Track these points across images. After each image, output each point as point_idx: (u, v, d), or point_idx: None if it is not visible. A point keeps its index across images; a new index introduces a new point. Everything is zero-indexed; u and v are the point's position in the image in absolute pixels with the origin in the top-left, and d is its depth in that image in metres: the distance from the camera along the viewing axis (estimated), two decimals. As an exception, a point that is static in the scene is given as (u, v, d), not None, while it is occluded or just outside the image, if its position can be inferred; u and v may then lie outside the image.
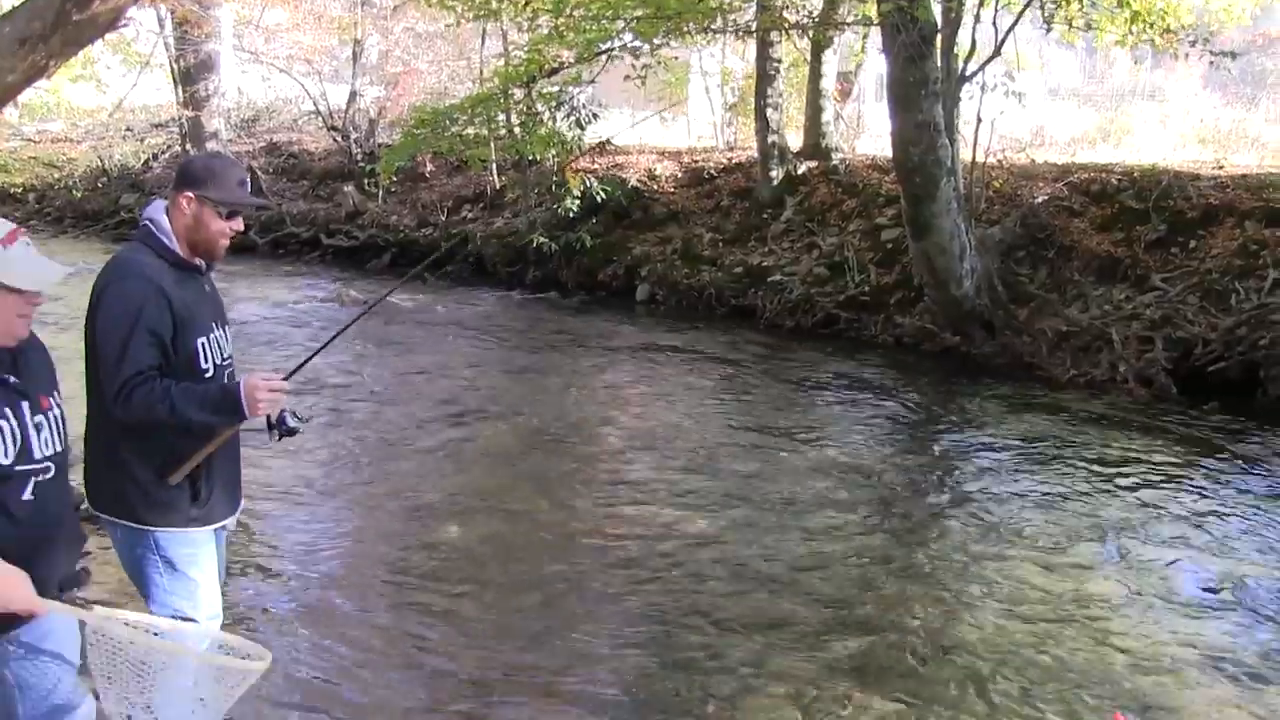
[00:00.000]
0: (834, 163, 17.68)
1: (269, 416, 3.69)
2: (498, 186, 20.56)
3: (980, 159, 14.17)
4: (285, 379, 3.65)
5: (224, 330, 3.91)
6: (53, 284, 3.03)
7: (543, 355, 13.43)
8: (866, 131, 23.76)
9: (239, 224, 3.79)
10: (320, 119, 25.03)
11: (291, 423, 3.77)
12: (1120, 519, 7.74)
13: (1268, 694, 5.42)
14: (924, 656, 5.77)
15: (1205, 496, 8.25)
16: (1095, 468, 8.85)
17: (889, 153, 13.43)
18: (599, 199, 17.92)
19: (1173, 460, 9.07)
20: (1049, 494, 8.25)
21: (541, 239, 17.85)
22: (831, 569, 6.88)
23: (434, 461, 8.87)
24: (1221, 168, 15.10)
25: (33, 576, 2.84)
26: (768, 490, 8.30)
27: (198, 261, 3.81)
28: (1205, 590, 6.58)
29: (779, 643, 5.86)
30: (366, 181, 22.25)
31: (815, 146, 18.16)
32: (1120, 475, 8.66)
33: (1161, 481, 8.57)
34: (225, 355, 3.86)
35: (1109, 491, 8.31)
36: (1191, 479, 8.64)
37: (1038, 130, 21.98)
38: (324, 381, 11.05)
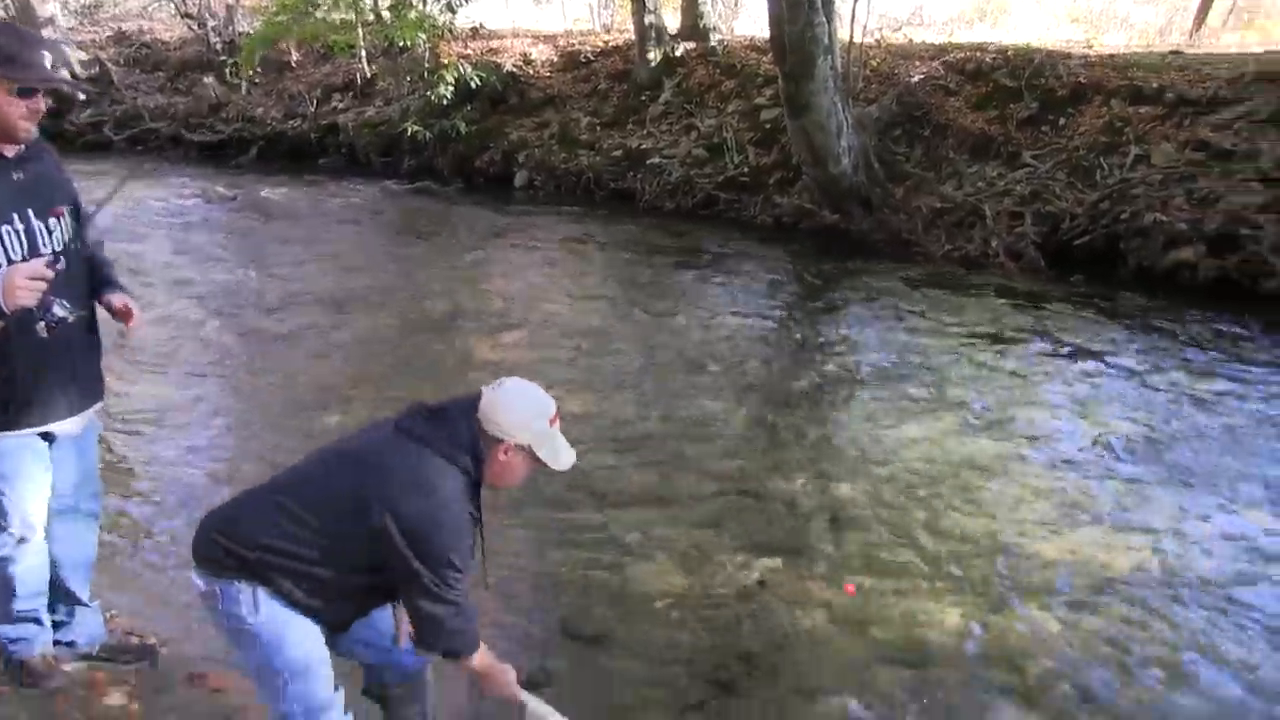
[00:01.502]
0: (712, 44, 17.44)
1: (35, 308, 3.28)
2: (368, 75, 19.84)
3: (858, 38, 14.10)
4: (51, 264, 3.25)
5: (55, 219, 3.51)
6: None
7: (421, 244, 13.17)
8: (744, 12, 23.51)
9: (39, 103, 3.39)
10: (173, 5, 23.71)
11: (59, 312, 3.38)
12: (991, 385, 7.98)
13: (1129, 538, 5.69)
14: (804, 518, 5.90)
15: (1072, 362, 8.52)
16: (967, 339, 9.07)
17: (767, 33, 13.30)
18: (473, 85, 17.43)
19: (1041, 330, 9.33)
20: (923, 364, 8.44)
21: (415, 127, 17.34)
22: (714, 441, 6.95)
23: (313, 353, 8.66)
24: (1091, 47, 15.37)
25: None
26: (648, 369, 8.32)
27: None
28: (1071, 448, 6.83)
29: (663, 513, 5.93)
30: (228, 72, 21.19)
31: (693, 28, 17.89)
32: (992, 345, 8.90)
33: (1031, 349, 8.83)
34: (62, 242, 3.50)
35: (981, 361, 8.53)
36: (1059, 347, 8.91)
37: (915, 10, 22.02)
38: (198, 279, 10.68)
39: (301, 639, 2.89)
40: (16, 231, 3.40)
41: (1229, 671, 4.59)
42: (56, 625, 4.04)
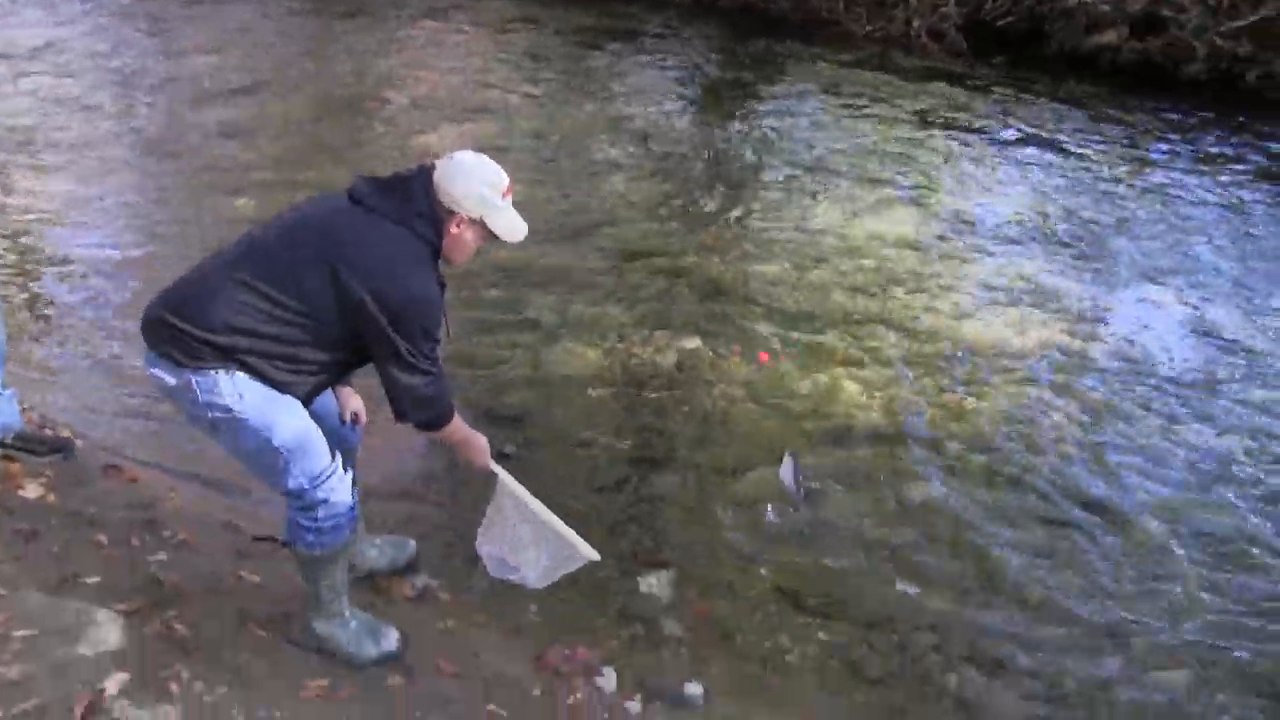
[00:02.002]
0: None
1: None
2: None
3: None
4: None
5: None
6: None
7: (325, 24, 12.36)
8: None
9: None
10: None
11: None
12: (912, 167, 7.86)
13: (1044, 318, 5.75)
14: (723, 298, 5.83)
15: (992, 145, 8.44)
16: (889, 120, 8.90)
17: None
18: None
19: (962, 112, 9.19)
20: (844, 146, 8.29)
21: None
22: (629, 222, 6.78)
23: (221, 138, 8.11)
24: None
25: None
26: (562, 147, 8.04)
27: None
28: (991, 230, 6.81)
29: (581, 294, 5.80)
30: None
31: None
32: (915, 127, 8.75)
33: (952, 131, 8.71)
34: None
35: (903, 141, 8.39)
36: (979, 129, 8.80)
37: None
38: (103, 63, 9.93)
39: (291, 415, 2.78)
40: None
41: (1138, 442, 4.70)
42: None
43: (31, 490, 3.76)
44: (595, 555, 3.16)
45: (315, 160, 7.62)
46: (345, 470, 2.93)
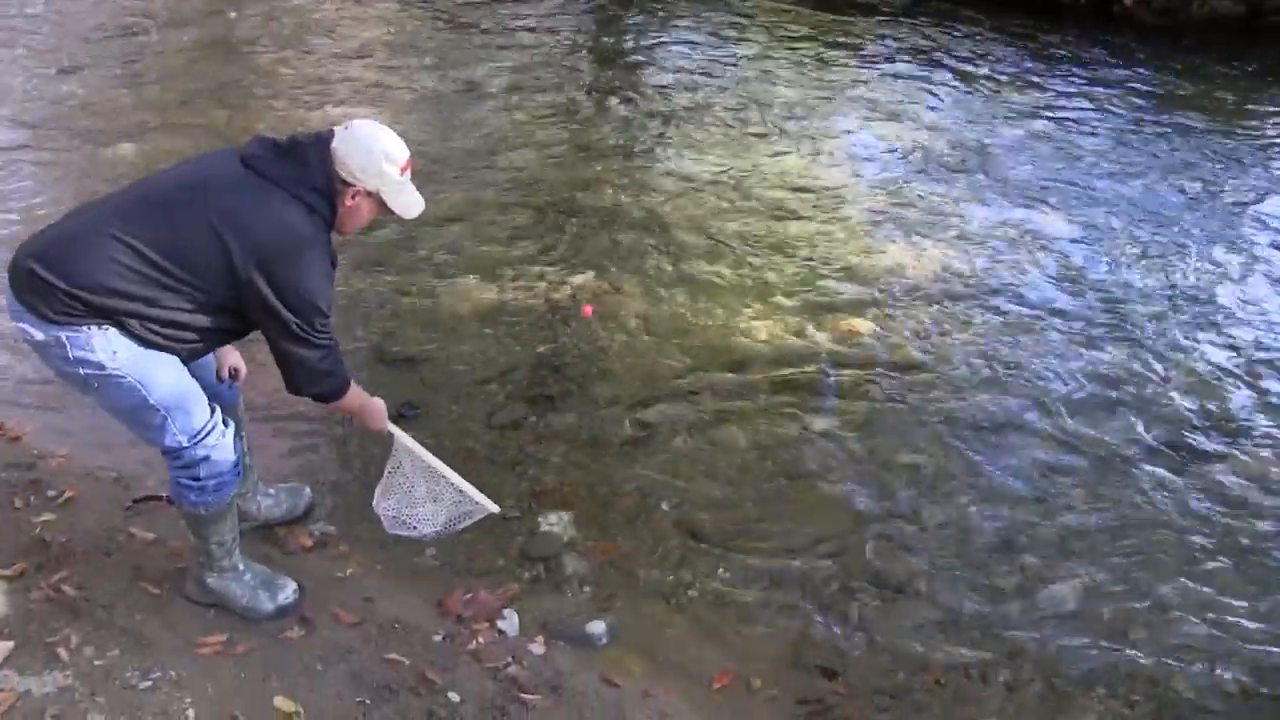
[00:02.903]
0: None
1: None
2: None
3: None
4: None
5: None
6: None
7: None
8: None
9: None
10: None
11: None
12: (807, 99, 7.84)
13: (938, 247, 5.83)
14: (615, 234, 5.79)
15: (885, 72, 8.44)
16: (788, 50, 8.86)
17: None
18: None
19: (856, 39, 9.15)
20: (737, 77, 8.23)
21: None
22: (523, 154, 6.68)
23: (99, 82, 7.74)
24: None
25: None
26: (458, 78, 7.86)
27: None
28: (888, 158, 6.86)
29: (473, 233, 5.71)
30: None
31: None
32: (807, 56, 8.73)
33: (844, 59, 8.70)
34: None
35: (795, 71, 8.37)
36: (871, 55, 8.81)
37: None
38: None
39: (167, 372, 2.68)
40: None
41: (1029, 364, 4.81)
42: None
43: (-95, 454, 3.63)
44: (495, 508, 3.19)
45: (198, 105, 7.32)
46: (226, 425, 2.85)
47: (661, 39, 9.26)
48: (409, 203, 2.86)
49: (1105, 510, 3.98)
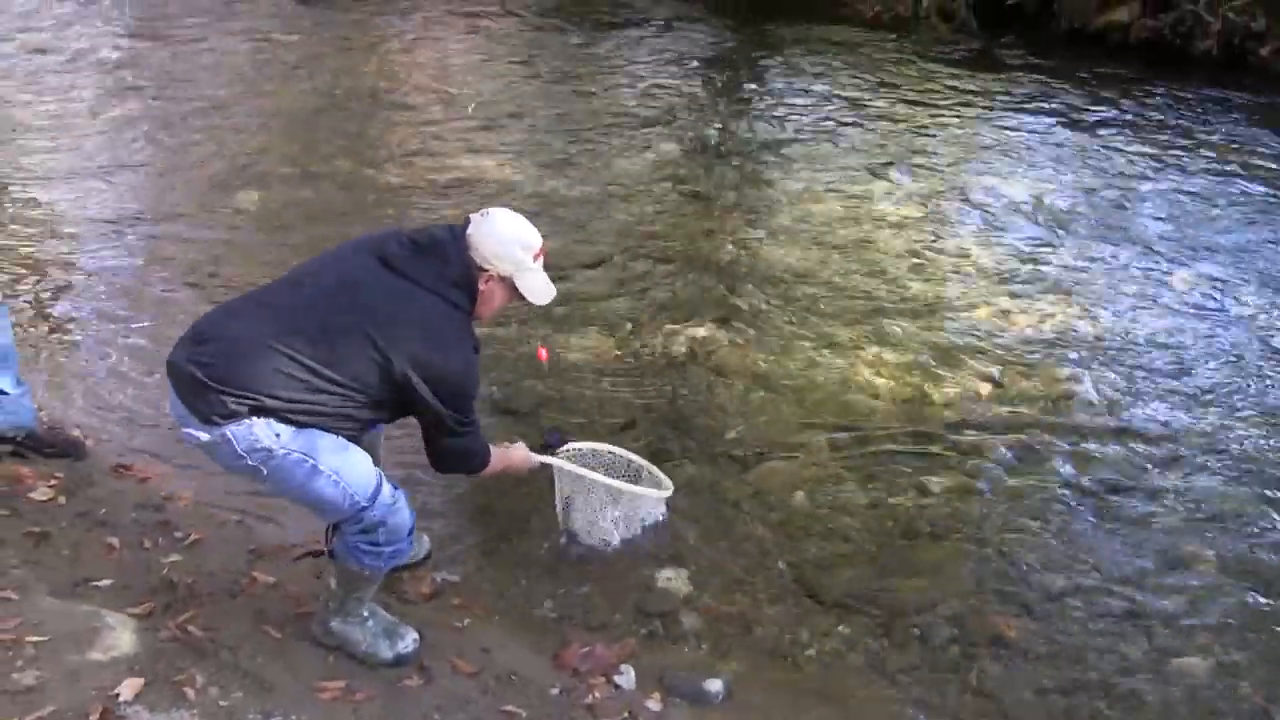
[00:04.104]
0: None
1: None
2: None
3: None
4: None
5: None
6: None
7: (330, 14, 12.22)
8: None
9: None
10: None
11: None
12: (924, 149, 7.78)
13: (1060, 301, 5.70)
14: (732, 284, 5.78)
15: (1002, 124, 8.35)
16: (900, 102, 8.80)
17: None
18: None
19: (974, 92, 9.08)
20: (855, 128, 8.20)
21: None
22: (639, 207, 6.74)
23: (226, 131, 7.99)
24: None
25: None
26: (571, 134, 7.97)
27: None
28: (1004, 211, 6.75)
29: (590, 283, 5.76)
30: None
31: None
32: (925, 108, 8.66)
33: (964, 112, 8.62)
34: None
35: (914, 124, 8.31)
36: (991, 109, 8.72)
37: None
38: (98, 58, 9.84)
39: (329, 440, 2.80)
40: None
41: (1157, 427, 4.64)
42: None
43: (42, 492, 3.74)
44: (669, 490, 3.71)
45: (321, 153, 7.54)
46: (396, 489, 2.93)
47: (779, 89, 9.30)
48: (540, 288, 3.01)
49: (1240, 582, 3.80)
